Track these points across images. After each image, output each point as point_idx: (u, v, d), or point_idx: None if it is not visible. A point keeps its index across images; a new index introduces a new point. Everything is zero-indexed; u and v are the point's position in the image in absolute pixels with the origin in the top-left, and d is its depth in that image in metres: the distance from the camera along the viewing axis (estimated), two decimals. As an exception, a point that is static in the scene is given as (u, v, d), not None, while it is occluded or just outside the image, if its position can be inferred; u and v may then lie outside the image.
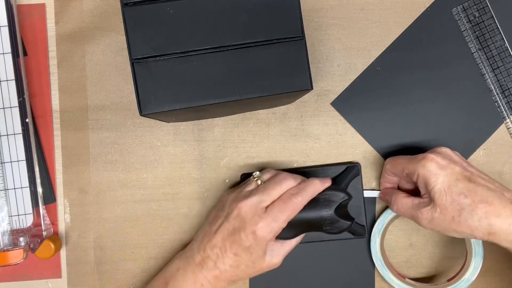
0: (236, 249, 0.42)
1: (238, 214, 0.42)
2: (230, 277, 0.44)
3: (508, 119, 0.52)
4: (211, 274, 0.43)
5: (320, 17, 0.53)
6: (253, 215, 0.42)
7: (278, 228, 0.42)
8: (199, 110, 0.42)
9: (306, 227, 0.45)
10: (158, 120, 0.51)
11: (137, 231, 0.52)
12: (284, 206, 0.42)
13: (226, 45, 0.39)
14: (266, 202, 0.43)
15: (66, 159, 0.52)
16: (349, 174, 0.50)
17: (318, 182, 0.45)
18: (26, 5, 0.52)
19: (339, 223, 0.46)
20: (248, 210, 0.42)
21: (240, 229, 0.42)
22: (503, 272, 0.52)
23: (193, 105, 0.39)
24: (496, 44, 0.52)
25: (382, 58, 0.53)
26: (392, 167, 0.46)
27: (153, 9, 0.39)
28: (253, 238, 0.42)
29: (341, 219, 0.46)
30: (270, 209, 0.42)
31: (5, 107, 0.50)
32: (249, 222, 0.42)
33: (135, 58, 0.39)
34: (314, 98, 0.53)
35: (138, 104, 0.39)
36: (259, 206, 0.42)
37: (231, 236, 0.42)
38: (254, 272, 0.44)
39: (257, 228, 0.42)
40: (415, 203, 0.44)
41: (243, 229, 0.42)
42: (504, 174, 0.53)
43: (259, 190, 0.43)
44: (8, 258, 0.47)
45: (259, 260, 0.43)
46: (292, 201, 0.42)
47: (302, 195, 0.43)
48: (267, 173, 0.46)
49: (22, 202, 0.50)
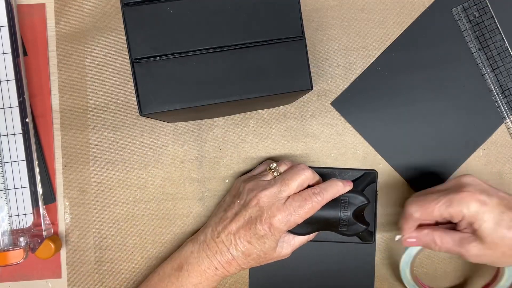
0: (251, 238, 0.43)
1: (257, 204, 0.43)
2: (242, 263, 0.45)
3: (508, 119, 0.52)
4: (224, 259, 0.44)
5: (320, 17, 0.53)
6: (272, 205, 0.42)
7: (294, 223, 0.43)
8: (199, 110, 0.42)
9: (322, 225, 0.46)
10: (158, 120, 0.51)
11: (137, 231, 0.52)
12: (304, 203, 0.43)
13: (226, 45, 0.39)
14: (286, 193, 0.43)
15: (66, 159, 0.52)
16: (366, 179, 0.51)
17: (341, 184, 0.45)
18: (26, 5, 0.52)
19: (355, 226, 0.46)
20: (267, 201, 0.43)
21: (257, 218, 0.43)
22: None
23: (193, 105, 0.39)
24: (496, 44, 0.52)
25: (382, 58, 0.53)
26: (425, 214, 0.43)
27: (153, 9, 0.39)
28: (269, 228, 0.42)
29: (358, 222, 0.46)
30: (289, 203, 0.43)
31: (5, 107, 0.50)
32: (267, 212, 0.42)
33: (135, 58, 0.39)
34: (314, 98, 0.53)
35: (138, 104, 0.39)
36: (278, 197, 0.43)
37: (247, 224, 0.43)
38: (264, 261, 0.46)
39: (275, 220, 0.42)
40: (456, 239, 0.43)
41: (260, 219, 0.42)
42: (504, 174, 0.53)
43: (278, 181, 0.44)
44: (8, 258, 0.47)
45: (271, 250, 0.44)
46: (312, 199, 0.43)
47: (323, 196, 0.43)
48: (283, 165, 0.47)
49: (22, 202, 0.50)
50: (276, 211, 0.42)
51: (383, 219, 0.52)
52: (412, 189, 0.52)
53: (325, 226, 0.46)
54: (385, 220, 0.52)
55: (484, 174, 0.53)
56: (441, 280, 0.52)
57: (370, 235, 0.50)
